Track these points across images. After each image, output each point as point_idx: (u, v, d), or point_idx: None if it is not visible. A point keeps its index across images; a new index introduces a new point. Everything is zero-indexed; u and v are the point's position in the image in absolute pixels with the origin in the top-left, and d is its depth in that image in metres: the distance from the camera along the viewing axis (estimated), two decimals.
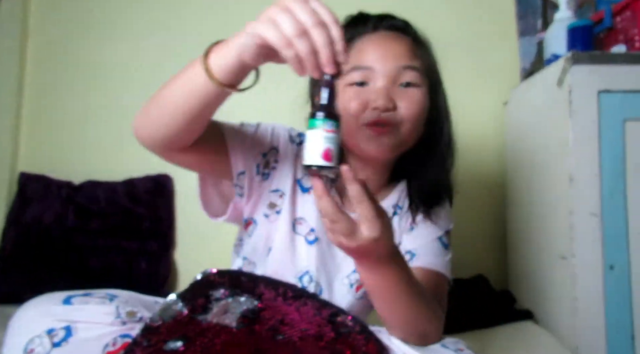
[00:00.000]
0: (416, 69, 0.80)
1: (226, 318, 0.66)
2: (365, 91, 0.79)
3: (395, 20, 0.85)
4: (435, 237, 0.89)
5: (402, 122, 0.79)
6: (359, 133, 0.79)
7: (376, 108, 0.77)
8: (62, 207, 1.48)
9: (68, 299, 0.70)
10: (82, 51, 1.63)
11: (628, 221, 1.08)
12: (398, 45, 0.81)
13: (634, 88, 1.09)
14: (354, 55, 0.80)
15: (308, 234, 0.88)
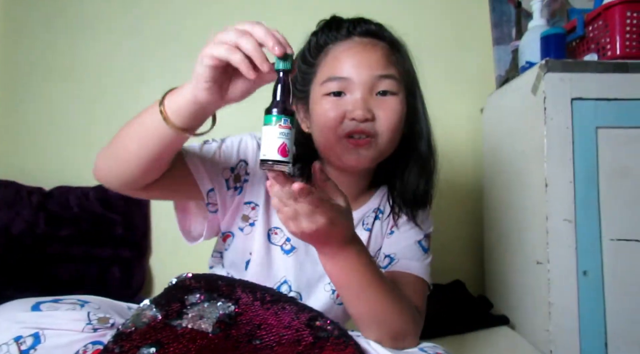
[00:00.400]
0: (392, 77, 0.80)
1: (202, 323, 0.65)
2: (343, 101, 0.78)
3: (369, 25, 0.84)
4: (414, 241, 0.89)
5: (380, 134, 0.79)
6: (337, 145, 0.78)
7: (354, 119, 0.76)
8: (32, 214, 1.44)
9: (37, 306, 0.67)
10: (52, 55, 1.59)
11: (601, 227, 1.11)
12: (373, 53, 0.80)
13: (605, 96, 1.12)
14: (329, 64, 0.80)
15: (284, 244, 0.87)
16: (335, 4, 1.58)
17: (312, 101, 0.82)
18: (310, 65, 0.84)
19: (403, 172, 0.87)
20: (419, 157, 0.86)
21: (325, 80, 0.79)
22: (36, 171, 1.55)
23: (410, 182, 0.87)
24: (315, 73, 0.83)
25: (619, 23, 1.16)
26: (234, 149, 0.84)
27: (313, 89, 0.83)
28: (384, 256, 0.89)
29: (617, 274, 1.10)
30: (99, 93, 1.59)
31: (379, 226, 0.91)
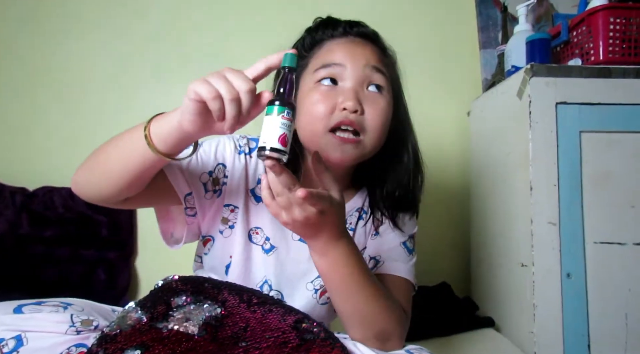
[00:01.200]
0: (384, 73, 0.80)
1: (188, 325, 0.65)
2: (334, 92, 0.78)
3: (365, 28, 0.85)
4: (399, 243, 0.90)
5: (367, 131, 0.78)
6: (323, 138, 0.77)
7: (344, 109, 0.76)
8: (15, 215, 1.41)
9: (19, 308, 0.66)
10: (36, 54, 1.57)
11: (584, 230, 1.12)
12: (368, 48, 0.81)
13: (589, 101, 1.13)
14: (323, 55, 0.81)
15: (264, 243, 0.87)
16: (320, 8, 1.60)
17: (302, 92, 0.82)
18: (302, 57, 0.84)
19: (385, 177, 0.87)
20: (402, 164, 0.86)
21: (319, 68, 0.79)
22: (20, 171, 1.53)
23: (392, 188, 0.87)
24: (306, 65, 0.83)
25: (602, 29, 1.18)
26: (211, 153, 0.84)
27: (303, 80, 0.82)
28: (369, 258, 0.89)
29: (600, 276, 1.12)
30: (83, 93, 1.57)
31: (362, 226, 0.91)
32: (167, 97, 1.58)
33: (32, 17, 1.58)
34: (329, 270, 0.72)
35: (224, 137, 0.87)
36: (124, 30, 1.59)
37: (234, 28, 1.61)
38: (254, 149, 0.87)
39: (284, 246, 0.87)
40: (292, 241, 0.88)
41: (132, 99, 1.58)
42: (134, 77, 1.58)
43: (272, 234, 0.86)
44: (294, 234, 0.86)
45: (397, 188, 0.86)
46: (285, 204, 0.64)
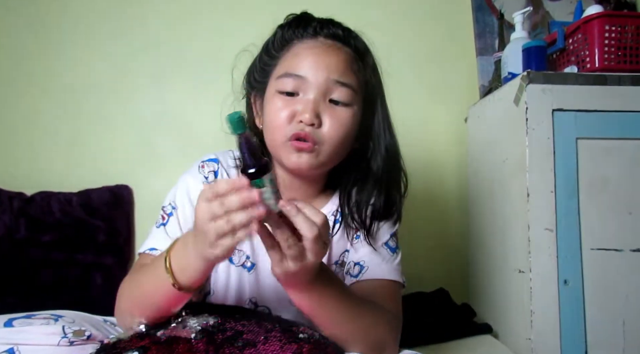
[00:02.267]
0: (348, 85, 0.79)
1: (185, 332, 0.65)
2: (294, 101, 0.77)
3: (337, 28, 0.83)
4: (380, 244, 0.88)
5: (322, 142, 0.77)
6: (282, 146, 0.78)
7: (301, 121, 0.76)
8: (12, 219, 1.41)
9: (9, 322, 0.66)
10: (34, 60, 1.57)
11: (581, 236, 1.12)
12: (335, 56, 0.79)
13: (585, 108, 1.14)
14: (288, 60, 0.80)
15: (245, 262, 0.86)
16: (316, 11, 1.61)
17: (267, 96, 0.82)
18: (272, 57, 0.84)
19: (358, 187, 0.86)
20: (373, 174, 0.85)
21: (281, 75, 0.78)
22: (18, 176, 1.53)
23: (365, 199, 0.85)
24: (274, 66, 0.82)
25: (598, 36, 1.18)
26: (187, 209, 0.84)
27: (270, 83, 0.82)
28: (354, 264, 0.88)
29: (597, 283, 1.12)
30: (82, 98, 1.57)
31: (341, 229, 0.89)
32: (165, 101, 1.59)
33: (33, 24, 1.58)
34: (310, 308, 0.70)
35: (187, 180, 0.87)
36: (122, 36, 1.59)
37: (232, 34, 1.61)
38: (217, 171, 0.88)
39: (263, 260, 0.85)
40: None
41: (130, 104, 1.58)
42: (132, 82, 1.59)
43: (251, 251, 0.86)
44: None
45: (369, 198, 0.85)
46: (296, 254, 0.60)
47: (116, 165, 1.55)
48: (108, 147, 1.56)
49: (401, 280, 0.88)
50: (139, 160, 1.56)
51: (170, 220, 0.84)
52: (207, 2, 1.62)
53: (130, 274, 0.78)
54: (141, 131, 1.57)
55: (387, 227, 0.90)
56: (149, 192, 1.55)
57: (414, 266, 0.91)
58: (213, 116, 1.55)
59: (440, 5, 1.66)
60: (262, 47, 0.88)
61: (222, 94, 1.57)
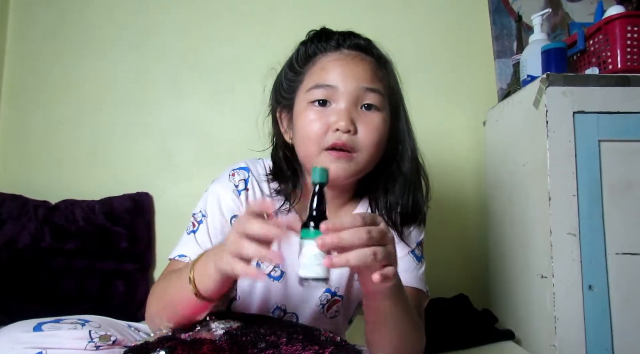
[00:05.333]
0: (378, 91, 0.80)
1: (209, 335, 0.65)
2: (327, 112, 0.78)
3: (358, 39, 0.84)
4: (407, 253, 0.88)
5: (359, 149, 0.78)
6: (319, 157, 0.78)
7: (337, 130, 0.76)
8: (38, 228, 1.44)
9: (39, 326, 0.68)
10: (58, 70, 1.62)
11: (606, 240, 1.10)
12: (361, 65, 0.81)
13: (607, 109, 1.12)
14: (316, 73, 0.81)
15: (273, 271, 0.86)
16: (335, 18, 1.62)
17: (296, 110, 0.82)
18: (297, 73, 0.85)
19: (387, 191, 0.87)
20: (403, 176, 0.85)
21: (312, 87, 0.79)
22: (42, 184, 1.57)
23: (395, 201, 0.86)
24: (301, 81, 0.83)
25: (619, 37, 1.16)
26: (216, 218, 0.84)
27: (298, 97, 0.83)
28: None
29: (623, 288, 1.09)
30: (103, 107, 1.61)
31: None
32: (182, 110, 1.61)
33: (53, 36, 1.63)
34: (393, 308, 0.70)
35: (217, 189, 0.87)
36: (141, 47, 1.63)
37: (248, 41, 1.63)
38: (247, 179, 0.87)
39: (292, 270, 0.86)
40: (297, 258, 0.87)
41: (148, 112, 1.61)
42: (151, 92, 1.62)
43: (281, 249, 0.85)
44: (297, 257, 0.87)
45: (399, 200, 0.85)
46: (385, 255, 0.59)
47: (136, 173, 1.58)
48: (128, 155, 1.59)
49: (425, 290, 0.88)
50: (158, 168, 1.59)
51: (200, 228, 0.84)
52: (223, 13, 1.64)
53: (160, 279, 0.78)
54: (160, 139, 1.60)
55: (414, 236, 0.90)
56: (168, 199, 1.57)
57: (434, 271, 0.91)
58: (230, 124, 1.60)
59: (457, 8, 1.66)
60: (286, 63, 0.89)
61: (239, 102, 1.61)
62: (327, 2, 1.64)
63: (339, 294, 0.89)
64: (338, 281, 0.89)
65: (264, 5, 1.64)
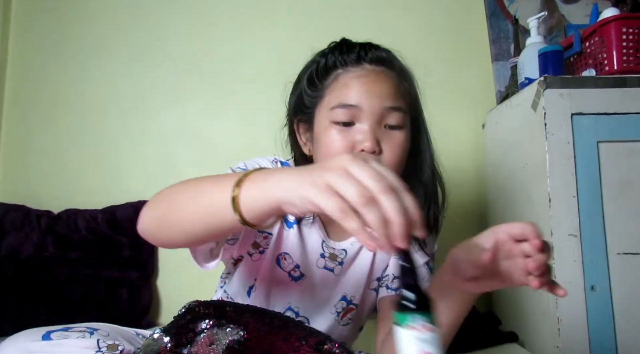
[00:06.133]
0: (400, 109, 0.79)
1: (211, 351, 0.65)
2: (351, 131, 0.77)
3: (380, 52, 0.83)
4: (422, 264, 0.89)
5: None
6: None
7: (362, 150, 0.75)
8: (41, 237, 1.45)
9: (47, 335, 0.68)
10: (61, 79, 1.63)
11: (607, 241, 1.11)
12: (384, 83, 0.79)
13: (605, 111, 1.13)
14: (338, 90, 0.79)
15: (293, 270, 0.86)
16: (335, 22, 1.63)
17: (318, 126, 0.81)
18: (316, 87, 0.82)
19: None
20: (423, 186, 0.85)
21: (335, 106, 0.77)
22: (45, 194, 1.57)
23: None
24: (322, 96, 0.81)
25: (615, 39, 1.17)
26: None
27: (319, 113, 0.81)
28: (393, 277, 0.89)
29: (625, 288, 1.10)
30: (105, 116, 1.62)
31: None
32: (185, 118, 1.62)
33: (55, 44, 1.64)
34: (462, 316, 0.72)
35: (262, 159, 0.84)
36: (142, 55, 1.64)
37: (251, 47, 1.64)
38: None
39: (311, 274, 0.86)
40: (317, 269, 0.87)
41: (150, 120, 1.62)
42: (153, 98, 1.63)
43: (301, 262, 0.85)
44: (318, 261, 0.86)
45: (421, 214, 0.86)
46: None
47: (138, 181, 1.59)
48: (130, 163, 1.60)
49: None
50: (161, 175, 1.60)
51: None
52: (224, 20, 1.65)
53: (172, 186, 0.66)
54: (162, 147, 1.61)
55: (429, 245, 0.91)
56: None
57: None
58: (232, 131, 1.60)
59: (454, 12, 1.67)
60: (304, 76, 0.85)
61: (240, 108, 1.62)
62: (325, 8, 1.65)
63: (355, 302, 0.89)
64: (355, 290, 0.89)
65: (264, 11, 1.66)
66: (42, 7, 1.65)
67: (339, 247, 0.86)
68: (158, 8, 1.65)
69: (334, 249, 0.86)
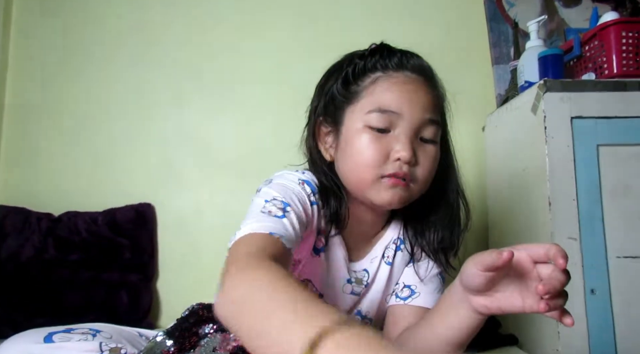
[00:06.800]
0: (437, 123, 0.78)
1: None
2: (386, 138, 0.74)
3: (421, 61, 0.81)
4: (436, 273, 0.88)
5: (416, 180, 0.75)
6: (374, 184, 0.74)
7: (398, 159, 0.73)
8: (41, 240, 1.45)
9: (49, 337, 0.68)
10: (61, 82, 1.63)
11: (606, 244, 1.11)
12: (428, 94, 0.78)
13: (605, 114, 1.13)
14: (378, 94, 0.75)
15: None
16: (336, 26, 1.63)
17: (349, 129, 0.77)
18: (351, 88, 0.78)
19: (431, 222, 0.85)
20: (449, 207, 0.84)
21: (373, 110, 0.74)
22: (45, 197, 1.57)
23: (437, 232, 0.84)
24: (357, 99, 0.77)
25: (614, 43, 1.18)
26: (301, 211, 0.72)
27: (351, 115, 0.77)
28: (403, 286, 0.88)
29: (625, 292, 1.10)
30: (106, 119, 1.62)
31: (400, 257, 0.88)
32: (185, 121, 1.62)
33: (55, 48, 1.64)
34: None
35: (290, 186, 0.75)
36: (142, 58, 1.64)
37: (249, 50, 1.64)
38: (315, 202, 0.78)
39: (332, 299, 0.84)
40: (344, 295, 0.85)
41: (150, 123, 1.62)
42: (152, 103, 1.63)
43: (322, 289, 0.83)
44: (345, 287, 0.84)
45: (442, 231, 0.84)
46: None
47: (139, 184, 1.59)
48: (130, 166, 1.60)
49: None
50: (161, 178, 1.60)
51: (289, 213, 0.68)
52: (224, 23, 1.66)
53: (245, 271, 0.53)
54: (162, 150, 1.61)
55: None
56: (170, 210, 1.58)
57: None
58: (231, 134, 1.60)
59: (454, 16, 1.67)
60: (338, 76, 0.81)
61: (240, 112, 1.62)
62: (325, 10, 1.66)
63: (369, 317, 0.89)
64: (370, 306, 0.88)
65: (263, 14, 1.66)
66: (43, 10, 1.65)
67: (360, 268, 0.85)
68: (158, 11, 1.66)
69: (356, 272, 0.85)
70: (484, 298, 0.63)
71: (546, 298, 0.56)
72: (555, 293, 0.56)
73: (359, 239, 0.86)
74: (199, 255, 1.55)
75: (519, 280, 0.60)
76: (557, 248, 0.56)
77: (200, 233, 1.56)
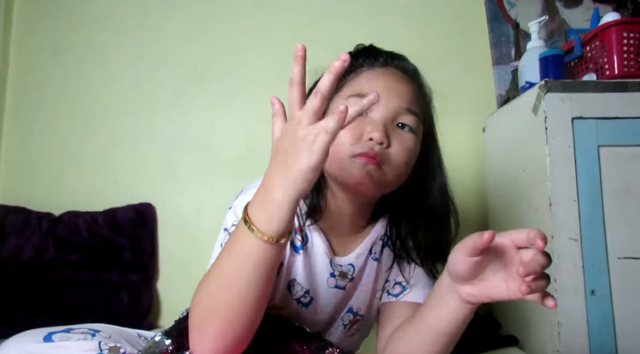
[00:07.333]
0: (416, 114, 0.78)
1: None
2: (361, 121, 0.75)
3: (406, 62, 0.84)
4: (427, 270, 0.88)
5: (389, 163, 0.75)
6: (348, 162, 0.75)
7: (371, 140, 0.74)
8: (41, 240, 1.45)
9: (49, 336, 0.68)
10: (62, 83, 1.63)
11: (607, 245, 1.11)
12: (406, 86, 0.80)
13: (606, 115, 1.13)
14: (360, 83, 0.79)
15: (303, 297, 0.83)
16: (336, 26, 1.63)
17: (329, 113, 0.77)
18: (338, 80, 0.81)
19: (416, 225, 0.85)
20: (429, 206, 0.84)
21: (352, 95, 0.77)
22: (45, 196, 1.57)
23: (423, 239, 0.84)
24: (341, 88, 0.81)
25: (616, 43, 1.18)
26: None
27: (334, 102, 0.80)
28: (394, 283, 0.88)
29: (626, 292, 1.10)
30: (103, 120, 1.62)
31: (387, 253, 0.89)
32: (185, 121, 1.62)
33: (56, 48, 1.65)
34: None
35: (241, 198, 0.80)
36: (142, 60, 1.64)
37: (249, 49, 1.65)
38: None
39: (320, 295, 0.84)
40: (328, 289, 0.85)
41: (152, 124, 1.62)
42: (153, 103, 1.63)
43: (308, 285, 0.83)
44: (329, 281, 0.84)
45: (428, 237, 0.84)
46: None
47: (139, 184, 1.59)
48: (131, 167, 1.60)
49: None
50: (161, 178, 1.60)
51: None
52: (224, 23, 1.66)
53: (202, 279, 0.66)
54: (162, 150, 1.61)
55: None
56: (170, 210, 1.58)
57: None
58: (232, 134, 1.61)
59: (455, 16, 1.67)
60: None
61: (240, 112, 1.62)
62: (326, 10, 1.66)
63: (361, 314, 0.89)
64: (361, 302, 0.88)
65: (263, 13, 1.66)
66: (43, 11, 1.66)
67: (346, 262, 0.85)
68: (158, 12, 1.66)
69: (341, 267, 0.84)
70: (471, 286, 0.63)
71: (527, 281, 0.56)
72: (536, 275, 0.56)
73: (342, 233, 0.86)
74: (199, 255, 1.55)
75: (504, 267, 0.61)
76: (536, 231, 0.57)
77: (200, 233, 1.56)
